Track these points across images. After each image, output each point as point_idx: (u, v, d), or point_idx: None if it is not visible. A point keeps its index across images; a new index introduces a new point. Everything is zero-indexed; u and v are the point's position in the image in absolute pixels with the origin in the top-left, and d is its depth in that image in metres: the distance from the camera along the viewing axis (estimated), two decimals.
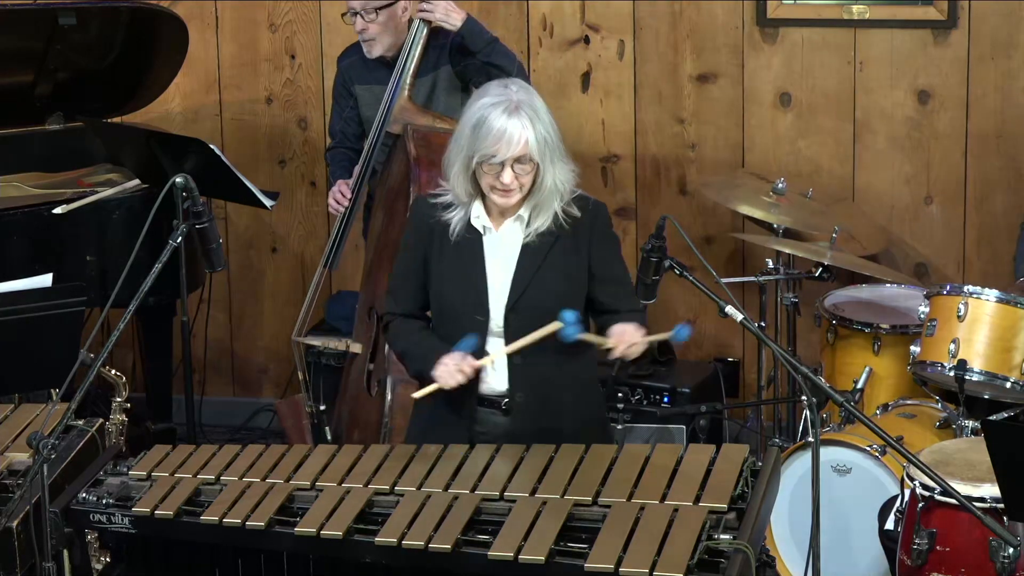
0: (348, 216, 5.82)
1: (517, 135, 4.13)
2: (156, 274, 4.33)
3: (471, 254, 4.28)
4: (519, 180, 4.18)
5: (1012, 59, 6.04)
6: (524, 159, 4.15)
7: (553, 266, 4.25)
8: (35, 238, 5.85)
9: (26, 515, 4.08)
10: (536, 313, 4.22)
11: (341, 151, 6.00)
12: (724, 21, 6.26)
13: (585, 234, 4.28)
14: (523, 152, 4.14)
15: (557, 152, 4.21)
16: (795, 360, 4.13)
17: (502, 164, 4.15)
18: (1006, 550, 4.23)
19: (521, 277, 4.25)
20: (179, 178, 4.76)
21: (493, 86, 4.24)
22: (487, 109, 4.15)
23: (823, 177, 6.25)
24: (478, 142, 4.14)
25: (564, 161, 4.24)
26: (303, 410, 5.91)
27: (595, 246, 4.29)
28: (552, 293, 4.24)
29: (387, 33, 5.81)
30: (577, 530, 3.80)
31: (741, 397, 6.41)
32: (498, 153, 4.14)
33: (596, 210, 4.33)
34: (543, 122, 4.17)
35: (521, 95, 4.18)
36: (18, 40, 6.18)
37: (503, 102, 4.15)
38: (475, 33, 5.65)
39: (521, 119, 4.13)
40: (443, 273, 4.30)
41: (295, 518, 3.93)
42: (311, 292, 5.89)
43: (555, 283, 4.25)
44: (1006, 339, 5.15)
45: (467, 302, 4.28)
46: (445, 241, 4.29)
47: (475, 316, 4.26)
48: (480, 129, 4.14)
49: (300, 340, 5.91)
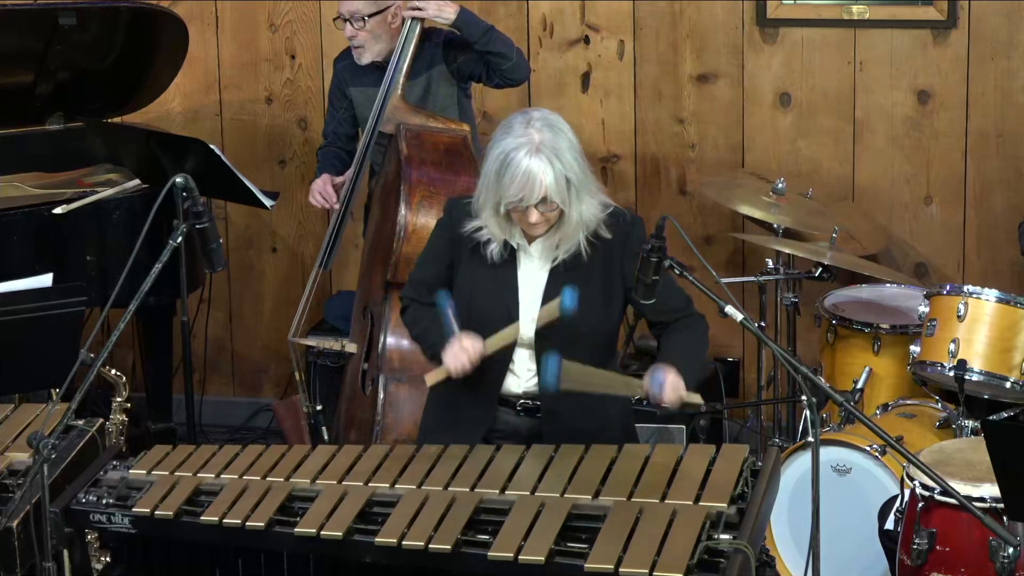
0: (342, 216, 5.82)
1: (539, 180, 4.11)
2: (156, 274, 4.33)
3: (505, 271, 4.30)
4: (546, 216, 4.18)
5: (1012, 59, 6.04)
6: (547, 201, 4.15)
7: (585, 284, 4.23)
8: (35, 238, 5.85)
9: (26, 515, 4.08)
10: (566, 328, 4.22)
11: (332, 151, 6.01)
12: (724, 21, 6.26)
13: (617, 254, 4.28)
14: (543, 195, 4.13)
15: (583, 188, 4.18)
16: (795, 360, 4.12)
17: (527, 207, 4.15)
18: (1006, 550, 4.23)
19: (551, 295, 4.25)
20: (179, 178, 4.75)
21: (517, 123, 4.18)
22: (510, 152, 4.13)
23: (823, 177, 6.25)
24: (502, 188, 4.14)
25: (591, 195, 4.22)
26: (301, 411, 5.91)
27: (627, 263, 4.27)
28: (584, 309, 4.21)
29: (377, 39, 5.80)
30: (577, 530, 3.80)
31: (741, 397, 6.41)
32: (523, 197, 4.13)
33: (628, 228, 4.31)
34: (564, 162, 4.13)
35: (545, 134, 4.14)
36: (18, 40, 6.18)
37: (525, 144, 4.12)
38: (470, 24, 5.64)
39: (542, 162, 4.11)
40: (475, 285, 4.31)
41: (295, 518, 3.93)
42: (307, 292, 5.89)
43: (587, 301, 4.22)
44: (1006, 339, 5.16)
45: (498, 315, 4.29)
46: (478, 254, 4.30)
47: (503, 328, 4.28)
48: (504, 176, 4.13)
49: (296, 341, 5.91)
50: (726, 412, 6.16)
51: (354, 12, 5.78)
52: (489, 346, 4.25)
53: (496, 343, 4.26)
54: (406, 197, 5.39)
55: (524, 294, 4.31)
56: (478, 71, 5.74)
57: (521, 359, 4.32)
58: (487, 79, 5.74)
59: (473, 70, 5.75)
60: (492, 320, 4.29)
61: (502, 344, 4.27)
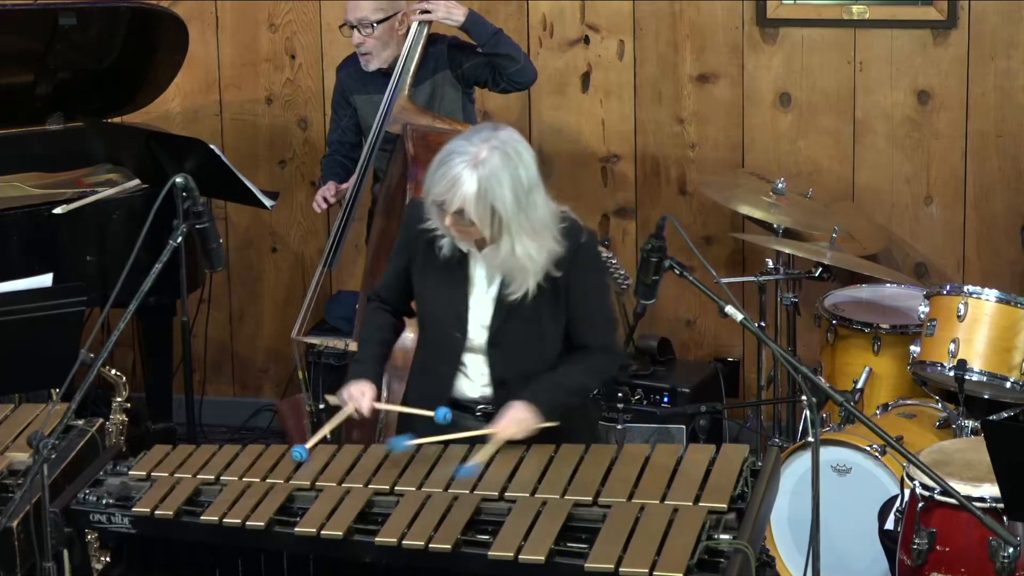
0: (347, 216, 5.82)
1: (459, 190, 4.00)
2: (156, 274, 4.33)
3: (456, 272, 4.26)
4: (466, 230, 4.08)
5: (1012, 59, 6.04)
6: (463, 216, 4.04)
7: (536, 295, 4.19)
8: (35, 238, 5.85)
9: (26, 515, 4.08)
10: (516, 335, 4.19)
11: (336, 159, 6.01)
12: (724, 21, 6.26)
13: (564, 265, 4.18)
14: (460, 207, 4.02)
15: (518, 226, 4.04)
16: (795, 360, 4.13)
17: (446, 212, 4.06)
18: (1006, 550, 4.23)
19: (503, 301, 4.21)
20: (179, 178, 4.76)
21: (482, 132, 4.07)
22: (454, 153, 4.03)
23: (823, 177, 6.25)
24: (432, 181, 4.06)
25: (533, 237, 4.07)
26: (304, 410, 5.91)
27: (574, 278, 4.19)
28: (532, 320, 4.20)
29: (385, 46, 5.79)
30: (577, 530, 3.80)
31: (741, 397, 6.41)
32: (446, 200, 4.04)
33: (578, 241, 4.19)
34: (495, 190, 3.99)
35: (493, 157, 4.01)
36: (18, 40, 6.18)
37: (470, 154, 4.02)
38: (479, 26, 5.64)
39: (470, 177, 3.99)
40: (427, 285, 4.30)
41: (295, 518, 3.93)
42: (311, 292, 5.90)
43: (535, 312, 4.20)
44: (1006, 339, 5.16)
45: (448, 318, 4.27)
46: (431, 253, 4.26)
47: (454, 332, 4.26)
48: (437, 171, 4.05)
49: (299, 339, 5.91)
50: (726, 412, 6.15)
51: (361, 19, 5.77)
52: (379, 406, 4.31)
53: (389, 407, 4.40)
54: (412, 196, 5.40)
55: (474, 297, 4.26)
56: (484, 76, 5.73)
57: (474, 363, 4.28)
58: (493, 84, 5.74)
59: (479, 75, 5.75)
60: (442, 321, 4.27)
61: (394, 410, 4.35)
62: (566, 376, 4.24)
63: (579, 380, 4.27)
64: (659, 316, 6.44)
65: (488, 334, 4.24)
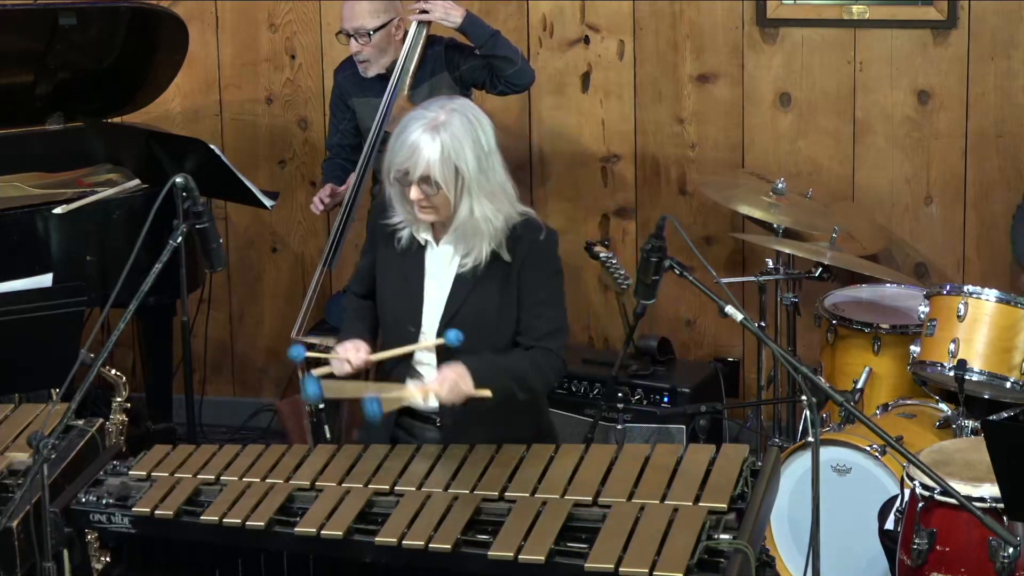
0: (347, 216, 5.82)
1: (423, 154, 4.02)
2: (156, 274, 4.33)
3: (413, 265, 4.26)
4: (430, 200, 4.09)
5: (1012, 59, 6.04)
6: (430, 180, 4.05)
7: (487, 290, 4.19)
8: (35, 238, 5.85)
9: (26, 515, 4.08)
10: (468, 333, 4.15)
11: (336, 163, 6.01)
12: (724, 21, 6.26)
13: (519, 258, 4.18)
14: (426, 173, 4.04)
15: (478, 187, 4.06)
16: (795, 360, 4.13)
17: (410, 181, 4.07)
18: (1006, 550, 4.24)
19: (455, 298, 4.21)
20: (179, 178, 4.76)
21: (436, 101, 4.12)
22: (412, 119, 4.07)
23: (823, 177, 6.25)
24: (394, 154, 4.07)
25: (491, 200, 4.10)
26: (303, 410, 5.91)
27: (523, 271, 4.19)
28: (485, 315, 4.20)
29: (382, 53, 5.79)
30: (577, 530, 3.80)
31: (741, 397, 6.41)
32: (408, 169, 4.05)
33: (535, 237, 4.19)
34: (457, 150, 4.02)
35: (453, 118, 4.04)
36: (18, 40, 6.18)
37: (427, 119, 4.04)
38: (477, 27, 5.64)
39: (433, 139, 4.02)
40: (385, 279, 4.30)
41: (295, 518, 3.93)
42: (311, 291, 5.90)
43: (489, 306, 4.20)
44: (1006, 339, 5.16)
45: (402, 312, 4.26)
46: (391, 246, 4.27)
47: (408, 327, 4.26)
48: (397, 139, 4.07)
49: (299, 339, 5.90)
50: (726, 412, 6.15)
51: (358, 28, 5.76)
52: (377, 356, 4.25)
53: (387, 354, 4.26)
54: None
55: (429, 293, 4.26)
56: (481, 78, 5.73)
57: (428, 360, 4.27)
58: (491, 86, 5.73)
59: (476, 77, 5.74)
60: (397, 316, 4.27)
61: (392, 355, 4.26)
62: (507, 358, 4.18)
63: (519, 366, 4.17)
64: (659, 316, 6.44)
65: (438, 330, 4.22)
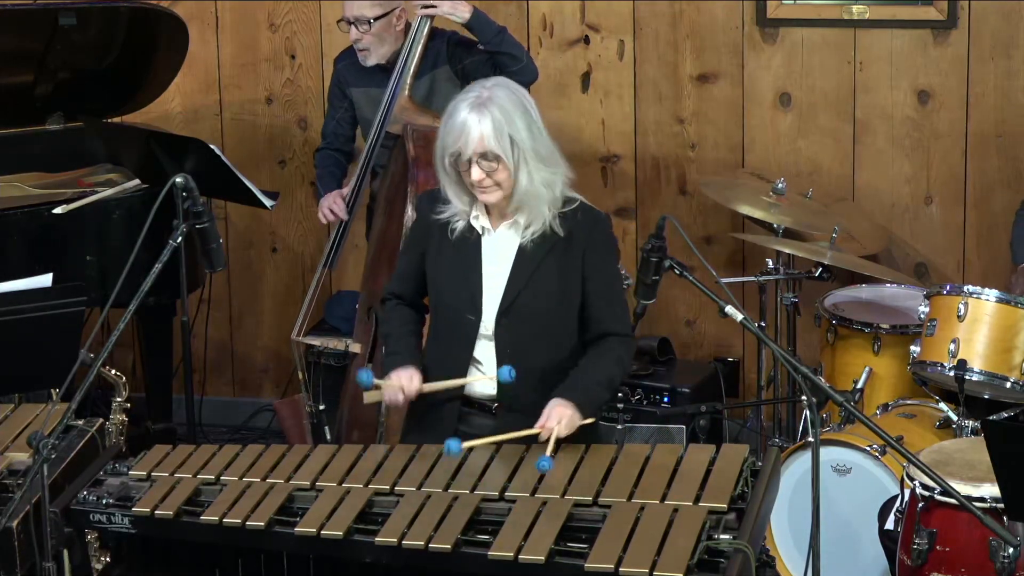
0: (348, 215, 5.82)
1: (475, 130, 4.08)
2: (156, 274, 4.33)
3: (469, 254, 4.28)
4: (492, 178, 4.14)
5: (1012, 59, 6.04)
6: (489, 155, 4.11)
7: (548, 272, 4.23)
8: (35, 238, 5.85)
9: (26, 515, 4.08)
10: (528, 319, 4.21)
11: (329, 153, 6.01)
12: (724, 21, 6.26)
13: (581, 241, 4.25)
14: (483, 148, 4.10)
15: (534, 154, 4.14)
16: (795, 360, 4.13)
17: (469, 161, 4.13)
18: (1006, 550, 4.24)
19: (515, 281, 4.24)
20: (179, 178, 4.75)
21: (477, 83, 4.20)
22: (457, 103, 4.14)
23: (823, 177, 6.25)
24: (446, 138, 4.14)
25: (547, 165, 4.17)
26: (303, 410, 5.91)
27: (588, 253, 4.25)
28: (545, 299, 4.23)
29: (382, 42, 5.79)
30: (577, 530, 3.80)
31: (741, 397, 6.41)
32: (461, 150, 4.11)
33: (596, 218, 4.30)
34: (509, 119, 4.10)
35: (496, 91, 4.13)
36: (18, 40, 6.18)
37: (471, 98, 4.12)
38: (483, 24, 5.64)
39: (482, 114, 4.08)
40: (441, 270, 4.30)
41: (295, 518, 3.93)
42: (311, 292, 5.90)
43: (549, 289, 4.23)
44: (1006, 339, 5.16)
45: (461, 301, 4.27)
46: (445, 238, 4.29)
47: (467, 315, 4.26)
48: (446, 125, 4.14)
49: (299, 340, 5.91)
50: (726, 412, 6.15)
51: (358, 16, 5.76)
52: (429, 387, 4.26)
53: (439, 386, 4.27)
54: (413, 199, 5.40)
55: (488, 281, 4.27)
56: (485, 73, 5.72)
57: (486, 353, 4.28)
58: None
59: (479, 72, 5.73)
60: (456, 306, 4.28)
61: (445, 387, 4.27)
62: (597, 370, 4.24)
63: (608, 373, 4.25)
64: (659, 316, 6.44)
65: (496, 315, 4.25)
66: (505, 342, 4.24)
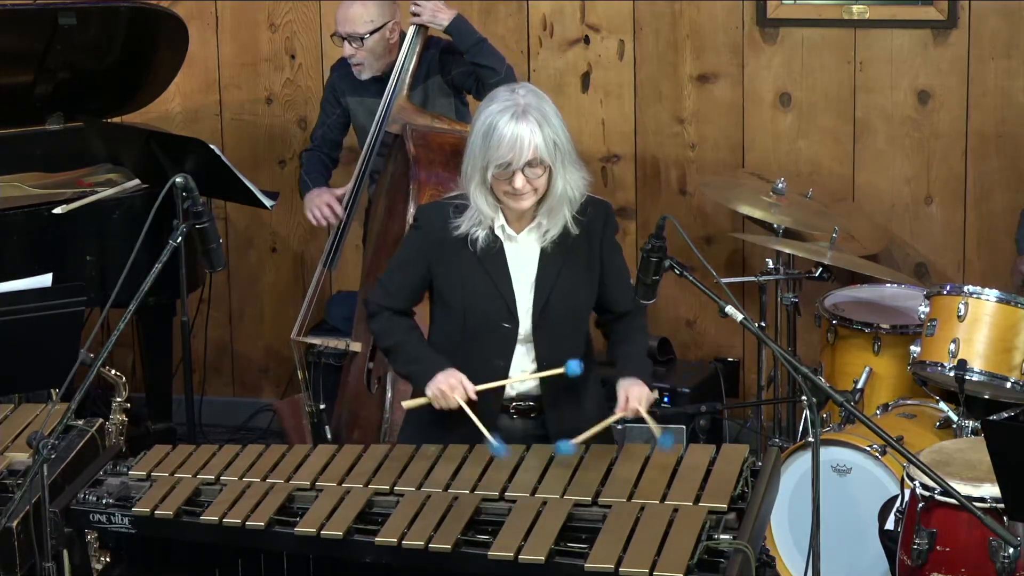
0: (347, 216, 5.82)
1: (527, 139, 4.10)
2: (156, 274, 4.33)
3: (495, 263, 4.27)
4: (532, 184, 4.16)
5: (1012, 59, 6.04)
6: (535, 163, 4.13)
7: (572, 268, 4.27)
8: (35, 238, 5.85)
9: (26, 515, 4.08)
10: (562, 317, 4.26)
11: (316, 155, 6.00)
12: (724, 21, 6.26)
13: (597, 233, 4.30)
14: (534, 156, 4.12)
15: (568, 157, 4.19)
16: (795, 360, 4.12)
17: (514, 171, 4.13)
18: (1006, 550, 4.23)
19: (544, 283, 4.26)
20: (179, 178, 4.75)
21: (501, 92, 4.20)
22: (495, 116, 4.12)
23: (823, 177, 6.25)
24: (490, 151, 4.12)
25: (576, 167, 4.22)
26: (303, 410, 5.91)
27: (604, 244, 4.32)
28: (574, 296, 4.28)
29: (377, 57, 5.79)
30: (577, 530, 3.80)
31: (741, 397, 6.41)
32: (511, 160, 4.11)
33: (604, 209, 4.35)
34: (552, 126, 4.14)
35: (529, 99, 4.14)
36: (18, 40, 6.18)
37: (511, 107, 4.12)
38: (462, 31, 5.63)
39: (529, 123, 4.10)
40: (467, 284, 4.28)
41: (295, 518, 3.93)
42: (310, 292, 5.90)
43: (576, 285, 4.28)
44: (1006, 339, 5.16)
45: (496, 311, 4.27)
46: (465, 251, 4.26)
47: (503, 324, 4.27)
48: (491, 138, 4.11)
49: (299, 339, 5.91)
50: (726, 412, 6.15)
51: (351, 33, 5.75)
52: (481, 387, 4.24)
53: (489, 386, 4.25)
54: (415, 196, 5.40)
55: (518, 284, 4.28)
56: (469, 84, 5.71)
57: (518, 357, 4.30)
58: (476, 93, 5.70)
59: (465, 82, 5.73)
60: (489, 316, 4.27)
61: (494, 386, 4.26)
62: (640, 344, 4.40)
63: (646, 344, 4.44)
64: (659, 316, 6.44)
65: (532, 318, 4.26)
66: (543, 343, 4.27)
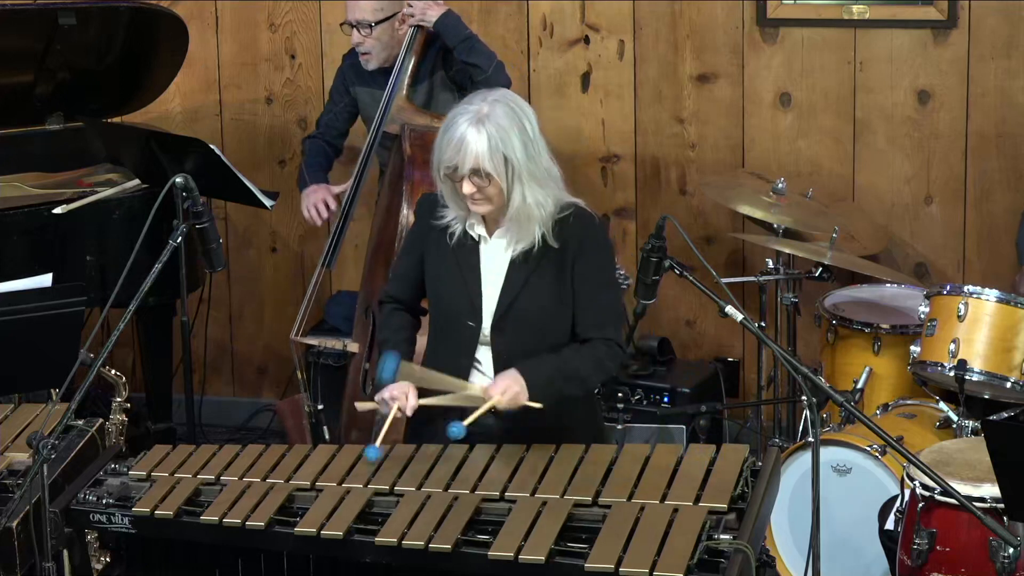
0: (346, 215, 5.82)
1: (472, 147, 4.06)
2: (156, 274, 4.33)
3: (468, 261, 4.27)
4: (483, 192, 4.13)
5: (1012, 59, 6.04)
6: (480, 172, 4.09)
7: (541, 280, 4.22)
8: (35, 238, 5.85)
9: (26, 515, 4.08)
10: (523, 326, 4.21)
11: (320, 142, 6.01)
12: (724, 21, 6.26)
13: (573, 249, 4.22)
14: (476, 165, 4.08)
15: (528, 174, 4.12)
16: (795, 360, 4.12)
17: (461, 176, 4.12)
18: (1006, 550, 4.24)
19: (509, 290, 4.24)
20: (179, 178, 4.76)
21: (478, 95, 4.17)
22: (456, 117, 4.11)
23: (823, 177, 6.25)
24: (441, 151, 4.12)
25: (541, 185, 4.15)
26: (303, 410, 5.91)
27: (578, 260, 4.23)
28: (539, 307, 4.22)
29: (384, 47, 5.80)
30: (577, 530, 3.80)
31: (741, 397, 6.41)
32: (456, 164, 4.10)
33: (588, 225, 4.25)
34: (507, 140, 4.07)
35: (496, 108, 4.09)
36: (18, 40, 6.18)
37: (472, 112, 4.09)
38: (450, 28, 5.64)
39: (480, 132, 4.06)
40: (441, 276, 4.30)
41: (295, 518, 3.93)
42: (309, 291, 5.89)
43: (542, 297, 4.22)
44: (1006, 339, 5.16)
45: (462, 308, 4.27)
46: (444, 242, 4.29)
47: (468, 322, 4.27)
48: (444, 138, 4.12)
49: (298, 340, 5.91)
50: (726, 412, 6.15)
51: (360, 19, 5.77)
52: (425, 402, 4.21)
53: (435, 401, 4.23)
54: (408, 198, 5.40)
55: (487, 285, 4.27)
56: (464, 81, 5.72)
57: (485, 357, 4.28)
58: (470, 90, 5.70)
59: (461, 79, 5.74)
60: (455, 311, 4.27)
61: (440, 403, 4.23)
62: (564, 359, 4.21)
63: (576, 366, 4.21)
64: (659, 316, 6.44)
65: (492, 321, 4.24)
66: (501, 348, 4.25)
